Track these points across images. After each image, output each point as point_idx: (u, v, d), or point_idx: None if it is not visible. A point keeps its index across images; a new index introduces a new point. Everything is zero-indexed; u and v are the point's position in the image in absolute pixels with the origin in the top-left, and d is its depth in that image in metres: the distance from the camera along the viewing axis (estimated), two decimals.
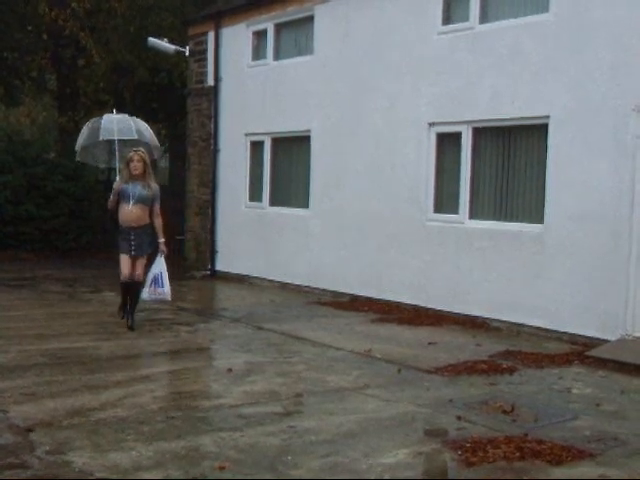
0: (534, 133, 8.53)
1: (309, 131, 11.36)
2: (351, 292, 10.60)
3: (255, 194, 12.67)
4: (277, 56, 12.26)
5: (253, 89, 12.44)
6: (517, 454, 4.41)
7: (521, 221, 8.59)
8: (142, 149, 8.07)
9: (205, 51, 13.56)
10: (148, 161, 7.95)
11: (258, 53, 12.62)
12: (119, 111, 9.56)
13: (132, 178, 7.80)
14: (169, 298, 8.13)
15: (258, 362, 6.71)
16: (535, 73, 8.33)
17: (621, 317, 7.46)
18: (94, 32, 16.99)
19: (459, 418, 5.12)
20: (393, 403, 5.53)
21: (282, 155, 12.32)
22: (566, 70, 8.03)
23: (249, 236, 12.64)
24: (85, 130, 9.18)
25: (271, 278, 12.02)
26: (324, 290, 10.97)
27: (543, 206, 8.29)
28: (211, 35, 13.36)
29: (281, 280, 11.84)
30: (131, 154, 7.88)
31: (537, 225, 8.36)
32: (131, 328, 7.88)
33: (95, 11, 16.74)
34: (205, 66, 13.57)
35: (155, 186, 8.00)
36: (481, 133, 9.10)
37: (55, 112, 21.11)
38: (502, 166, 8.89)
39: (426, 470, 4.11)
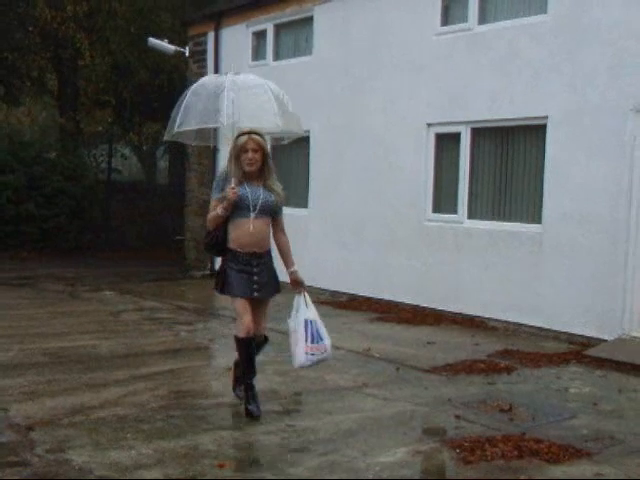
0: (532, 134, 8.55)
1: (308, 131, 11.36)
2: (350, 292, 10.62)
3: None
4: (277, 56, 12.29)
5: None
6: (515, 453, 4.43)
7: (519, 221, 8.61)
8: (258, 131, 4.96)
9: (205, 51, 13.58)
10: (268, 149, 5.10)
11: (258, 53, 12.64)
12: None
13: (245, 177, 4.99)
14: (330, 354, 5.27)
15: (257, 361, 6.68)
16: (533, 74, 8.36)
17: (618, 317, 7.48)
18: (93, 33, 17.03)
19: (457, 417, 5.14)
20: (392, 402, 5.55)
21: (281, 155, 12.33)
22: (564, 71, 8.06)
23: None
24: (195, 99, 5.21)
25: None
26: (323, 290, 10.99)
27: (541, 206, 8.32)
28: (211, 35, 13.38)
29: (281, 280, 11.83)
30: (243, 139, 4.89)
31: (535, 225, 8.38)
32: (254, 414, 4.99)
33: (95, 12, 16.78)
34: (205, 66, 13.59)
35: (280, 187, 5.17)
36: (480, 133, 9.12)
37: (55, 112, 21.15)
38: (501, 166, 8.92)
39: (424, 469, 4.14)
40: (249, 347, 5.11)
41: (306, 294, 5.33)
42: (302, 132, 5.59)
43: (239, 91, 5.10)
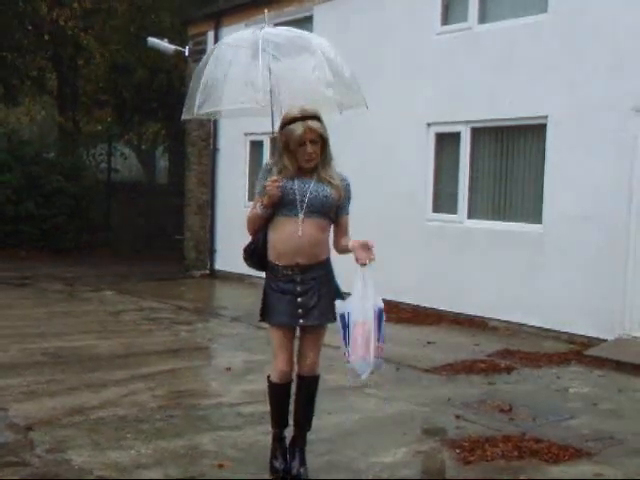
0: (532, 133, 8.54)
1: None
2: (349, 292, 10.58)
3: (254, 193, 12.66)
4: None
5: None
6: (515, 453, 4.43)
7: (520, 221, 8.60)
8: (314, 113, 3.81)
9: (205, 51, 13.54)
10: (327, 134, 3.94)
11: None
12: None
13: (299, 170, 3.89)
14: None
15: (257, 361, 6.71)
16: (534, 73, 8.34)
17: (619, 317, 7.47)
18: (93, 31, 17.04)
19: (457, 417, 5.14)
20: (392, 402, 5.54)
21: None
22: (564, 70, 8.05)
23: (248, 236, 12.63)
24: (220, 67, 4.09)
25: None
26: None
27: (542, 206, 8.31)
28: (211, 35, 13.37)
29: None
30: (299, 130, 3.73)
31: (536, 225, 8.37)
32: (277, 471, 3.99)
33: (95, 10, 16.79)
34: None
35: (341, 178, 4.16)
36: (480, 133, 9.11)
37: (54, 111, 21.15)
38: (501, 166, 8.91)
39: (424, 469, 4.13)
40: (281, 395, 3.98)
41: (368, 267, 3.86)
42: (365, 105, 4.42)
43: (278, 52, 4.02)
